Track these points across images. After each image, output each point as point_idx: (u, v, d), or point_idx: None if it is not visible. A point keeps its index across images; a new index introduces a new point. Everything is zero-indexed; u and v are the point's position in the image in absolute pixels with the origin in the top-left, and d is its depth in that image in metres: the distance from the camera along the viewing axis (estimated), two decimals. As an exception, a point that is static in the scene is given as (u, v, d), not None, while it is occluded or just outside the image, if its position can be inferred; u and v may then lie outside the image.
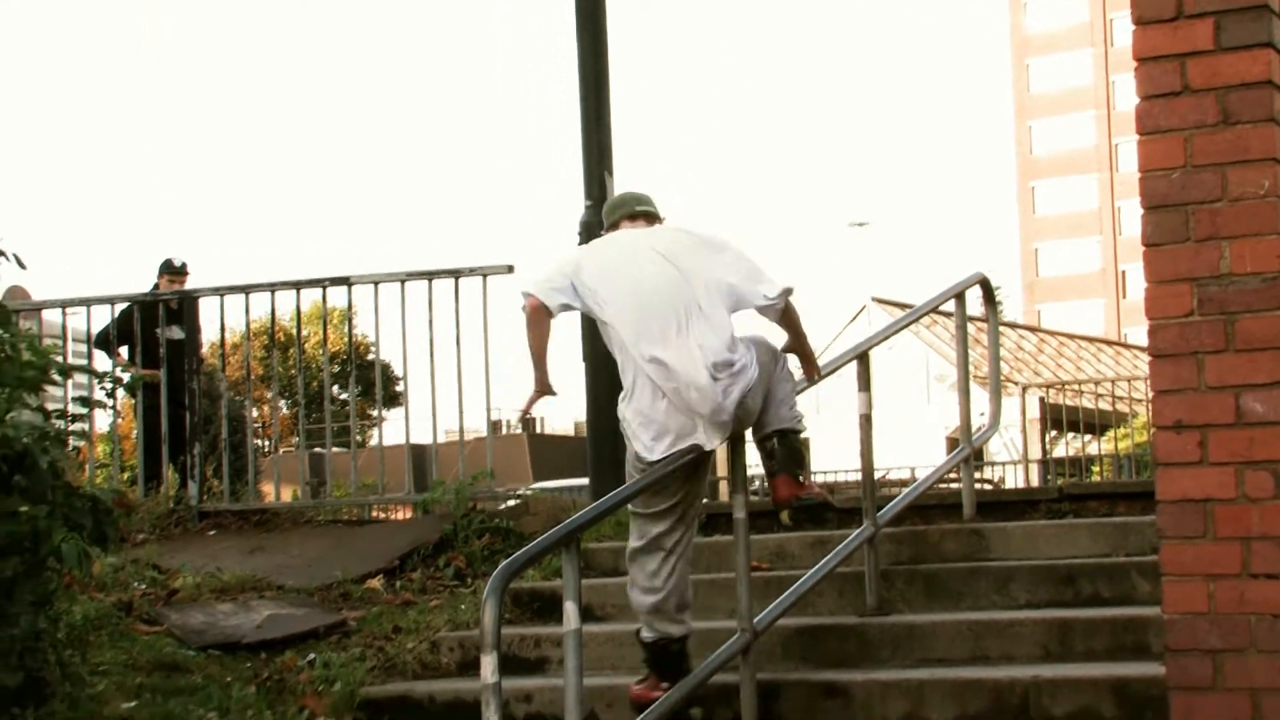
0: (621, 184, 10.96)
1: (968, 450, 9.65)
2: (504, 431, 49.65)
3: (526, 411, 7.50)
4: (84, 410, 6.56)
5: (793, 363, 7.52)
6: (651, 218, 7.40)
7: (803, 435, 7.47)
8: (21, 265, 5.88)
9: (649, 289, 7.01)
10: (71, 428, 6.04)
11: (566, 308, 7.13)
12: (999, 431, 10.72)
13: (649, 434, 7.03)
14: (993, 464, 24.46)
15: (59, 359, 6.20)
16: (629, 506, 7.23)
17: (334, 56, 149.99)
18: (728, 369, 6.93)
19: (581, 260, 7.21)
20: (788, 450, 7.35)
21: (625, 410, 7.11)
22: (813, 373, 7.61)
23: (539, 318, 7.14)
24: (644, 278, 7.03)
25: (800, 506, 7.40)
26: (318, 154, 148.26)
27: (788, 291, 7.07)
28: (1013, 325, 47.50)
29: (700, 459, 7.11)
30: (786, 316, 7.19)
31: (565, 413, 62.46)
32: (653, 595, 7.19)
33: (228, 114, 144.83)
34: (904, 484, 19.00)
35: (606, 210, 7.58)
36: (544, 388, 7.32)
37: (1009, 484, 22.12)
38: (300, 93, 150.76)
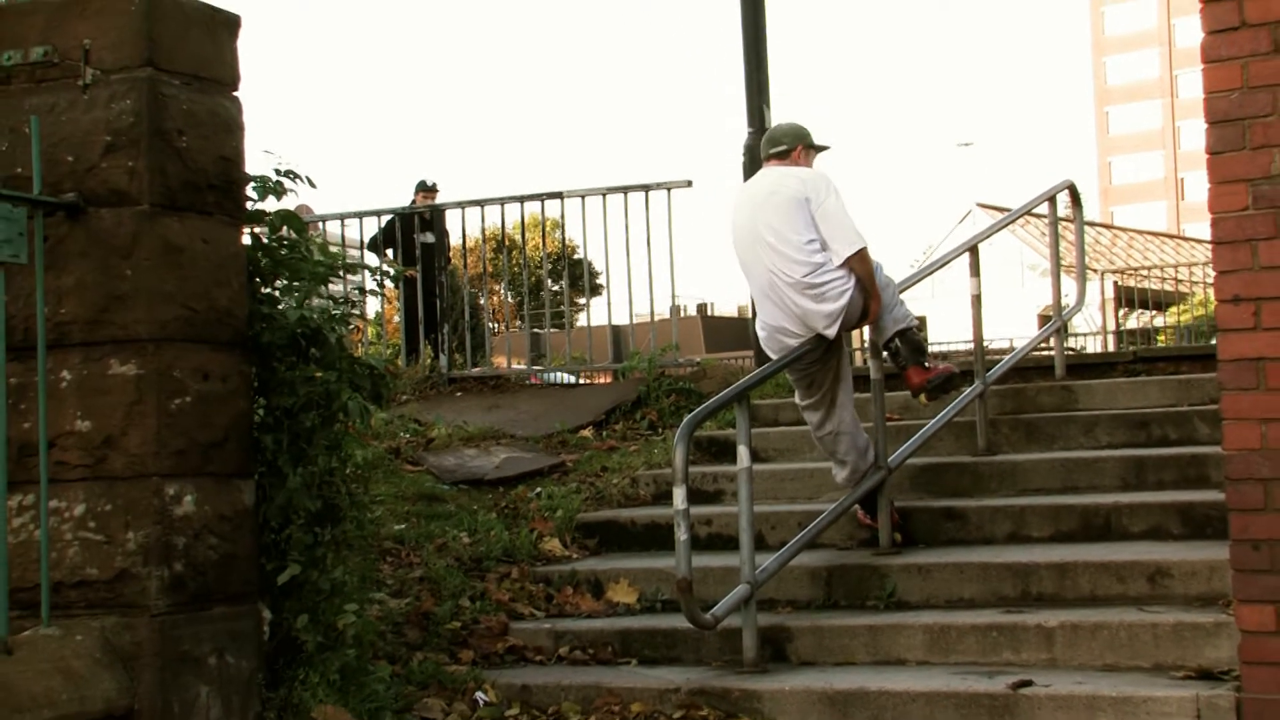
0: (776, 112, 10.88)
1: (1059, 323, 9.52)
2: (683, 314, 49.67)
3: None
4: (360, 298, 6.62)
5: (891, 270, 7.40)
6: (782, 156, 7.27)
7: (917, 326, 7.37)
8: (312, 185, 5.95)
9: (752, 238, 7.03)
10: (351, 312, 6.11)
11: None
12: (1082, 308, 10.51)
13: (770, 343, 7.09)
14: (1076, 335, 24.02)
15: (341, 259, 6.29)
16: (799, 404, 7.32)
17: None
18: (814, 287, 6.84)
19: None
20: (909, 345, 7.26)
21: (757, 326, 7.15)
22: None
23: None
24: (752, 229, 7.04)
25: (933, 388, 7.30)
26: (532, 88, 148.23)
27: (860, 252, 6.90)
28: (1091, 224, 46.36)
29: (827, 353, 7.01)
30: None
31: (731, 298, 62.46)
32: (841, 469, 7.19)
33: (470, 55, 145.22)
34: (1004, 352, 18.72)
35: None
36: None
37: (1090, 350, 21.73)
38: (528, 39, 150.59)
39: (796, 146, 7.26)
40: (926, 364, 7.32)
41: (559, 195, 11.68)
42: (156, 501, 4.90)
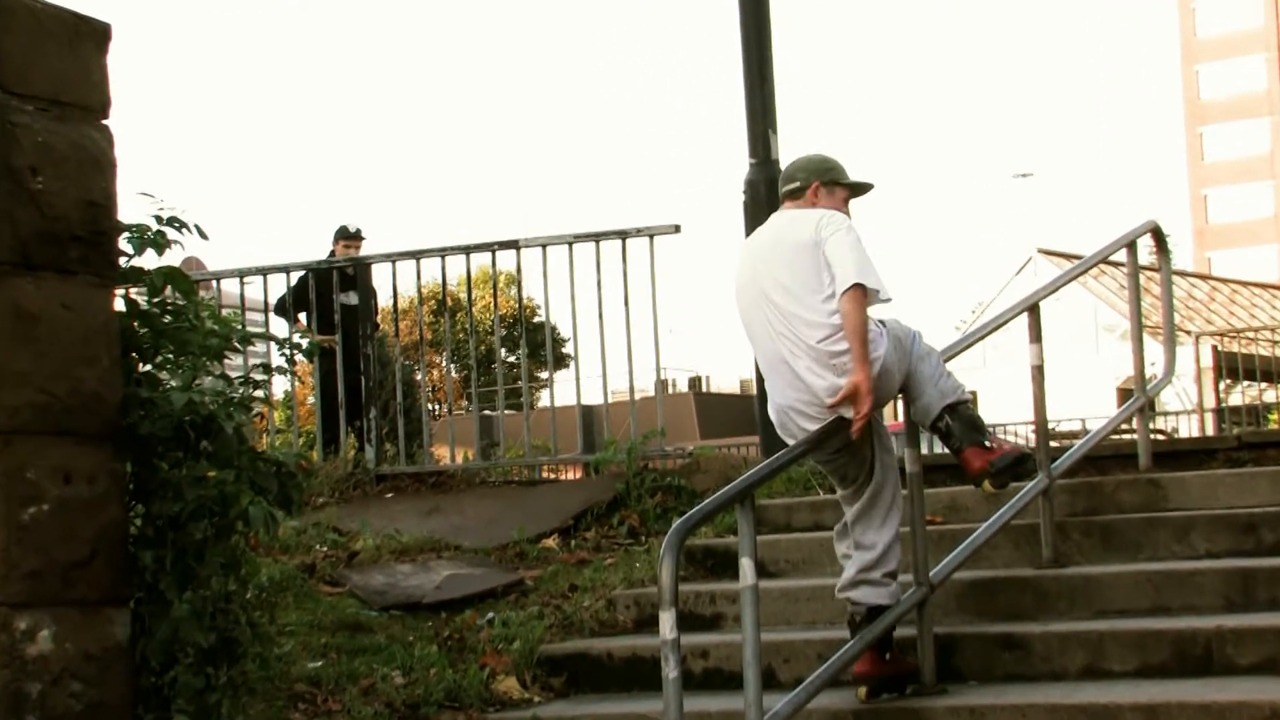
0: (785, 141, 10.95)
1: (1142, 400, 9.54)
2: (671, 390, 49.79)
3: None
4: (265, 377, 6.63)
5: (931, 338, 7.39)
6: (795, 195, 7.30)
7: (969, 401, 7.34)
8: (203, 236, 5.97)
9: (756, 298, 7.10)
10: (254, 394, 6.12)
11: None
12: (1172, 381, 10.54)
13: (784, 426, 7.11)
14: (1166, 414, 24.08)
15: (239, 327, 6.30)
16: (838, 494, 7.29)
17: (499, 21, 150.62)
18: (836, 355, 6.84)
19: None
20: (963, 423, 7.15)
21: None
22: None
23: None
24: (755, 289, 7.11)
25: (998, 471, 7.15)
26: (482, 121, 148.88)
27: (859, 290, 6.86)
28: (1183, 273, 46.71)
29: (853, 438, 6.99)
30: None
31: (731, 370, 62.55)
32: (846, 567, 7.17)
33: (398, 81, 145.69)
34: (1075, 436, 18.72)
35: None
36: None
37: (1183, 434, 21.78)
38: (469, 62, 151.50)
39: (812, 183, 7.25)
40: (988, 443, 7.22)
41: (514, 244, 11.73)
42: (4, 638, 4.87)
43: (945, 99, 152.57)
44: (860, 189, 7.36)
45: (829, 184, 7.24)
